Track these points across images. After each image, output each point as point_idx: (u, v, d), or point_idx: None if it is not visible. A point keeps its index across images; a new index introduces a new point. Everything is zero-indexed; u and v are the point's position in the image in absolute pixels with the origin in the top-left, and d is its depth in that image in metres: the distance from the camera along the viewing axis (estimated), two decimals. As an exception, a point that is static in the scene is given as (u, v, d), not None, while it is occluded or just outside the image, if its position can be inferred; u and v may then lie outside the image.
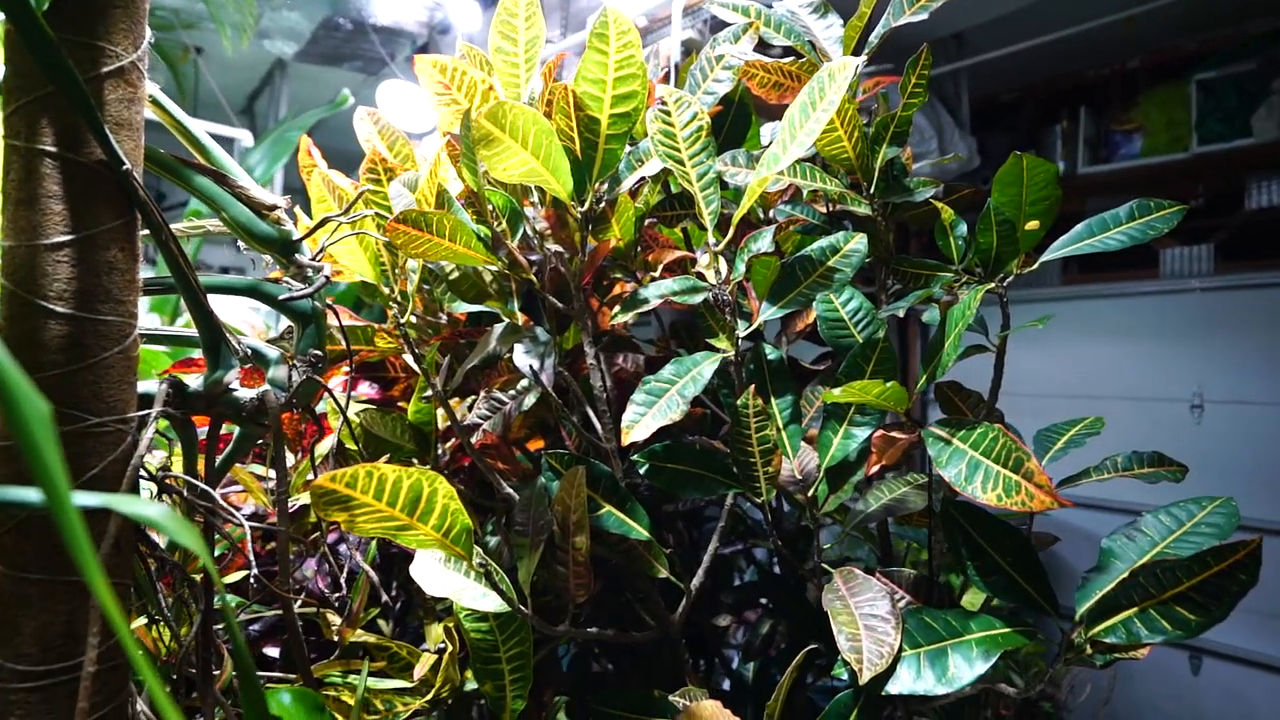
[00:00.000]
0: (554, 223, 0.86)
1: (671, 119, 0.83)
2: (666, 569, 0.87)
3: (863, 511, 0.91)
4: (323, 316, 0.76)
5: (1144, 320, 2.84)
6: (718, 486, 0.85)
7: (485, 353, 0.87)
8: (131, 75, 0.60)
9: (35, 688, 0.57)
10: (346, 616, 0.87)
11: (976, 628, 0.75)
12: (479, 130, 0.67)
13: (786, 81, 1.00)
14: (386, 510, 0.61)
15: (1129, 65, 3.13)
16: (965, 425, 0.75)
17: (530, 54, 0.84)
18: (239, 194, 0.71)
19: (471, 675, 0.86)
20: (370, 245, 0.87)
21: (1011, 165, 0.77)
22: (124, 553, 0.61)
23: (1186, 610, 0.66)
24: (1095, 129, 3.19)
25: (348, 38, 3.14)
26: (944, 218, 0.85)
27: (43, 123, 0.56)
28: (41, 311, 0.57)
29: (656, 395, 0.79)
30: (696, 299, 0.83)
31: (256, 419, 0.72)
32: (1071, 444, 0.94)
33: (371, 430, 0.94)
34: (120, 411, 0.61)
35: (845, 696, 0.76)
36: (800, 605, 1.13)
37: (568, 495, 0.79)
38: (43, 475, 0.30)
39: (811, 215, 0.97)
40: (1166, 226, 0.80)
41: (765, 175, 0.75)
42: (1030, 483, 0.67)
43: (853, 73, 0.70)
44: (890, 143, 0.91)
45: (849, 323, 0.88)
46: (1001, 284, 0.83)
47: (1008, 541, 0.77)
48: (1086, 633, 0.72)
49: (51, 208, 0.57)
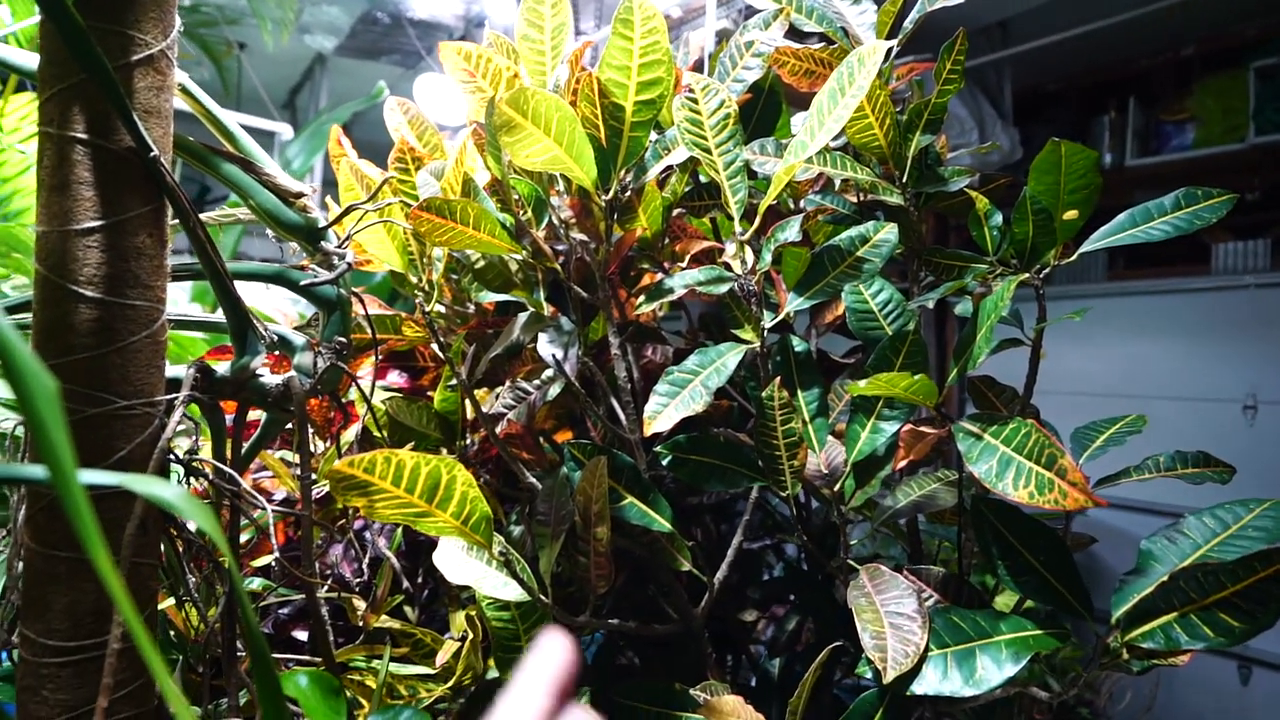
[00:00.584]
0: (579, 211, 0.85)
1: (699, 107, 0.82)
2: (689, 561, 0.86)
3: (891, 508, 0.89)
4: (348, 304, 0.77)
5: (1194, 318, 2.74)
6: (741, 479, 0.84)
7: (509, 342, 0.87)
8: (160, 63, 0.61)
9: (66, 663, 0.59)
10: (371, 602, 0.88)
11: (1006, 629, 0.73)
12: (500, 116, 0.67)
13: (818, 69, 0.98)
14: (405, 496, 0.62)
15: (1182, 53, 3.02)
16: (997, 420, 0.72)
17: (556, 41, 0.84)
18: (266, 181, 0.72)
19: (494, 663, 0.87)
20: (398, 234, 0.88)
21: (1049, 152, 0.75)
22: (150, 534, 0.62)
23: (1230, 617, 0.64)
24: (1145, 119, 3.09)
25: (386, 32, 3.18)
26: (978, 207, 0.82)
27: (74, 110, 0.57)
28: (72, 296, 0.58)
29: (680, 386, 0.78)
30: (722, 289, 0.82)
31: (282, 405, 0.73)
32: (1111, 442, 0.91)
33: (397, 418, 0.95)
34: (148, 395, 0.62)
35: (870, 696, 0.74)
36: (827, 602, 1.11)
37: (589, 485, 0.79)
38: (48, 452, 0.30)
39: (842, 205, 0.96)
40: (1215, 216, 0.77)
41: (792, 163, 0.74)
42: (1064, 480, 0.65)
43: (882, 56, 0.68)
44: (924, 130, 0.89)
45: (878, 314, 0.86)
46: (1037, 275, 0.80)
47: (1041, 541, 0.75)
48: (1123, 637, 0.70)
49: (82, 194, 0.58)
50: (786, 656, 1.21)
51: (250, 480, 1.10)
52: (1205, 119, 2.89)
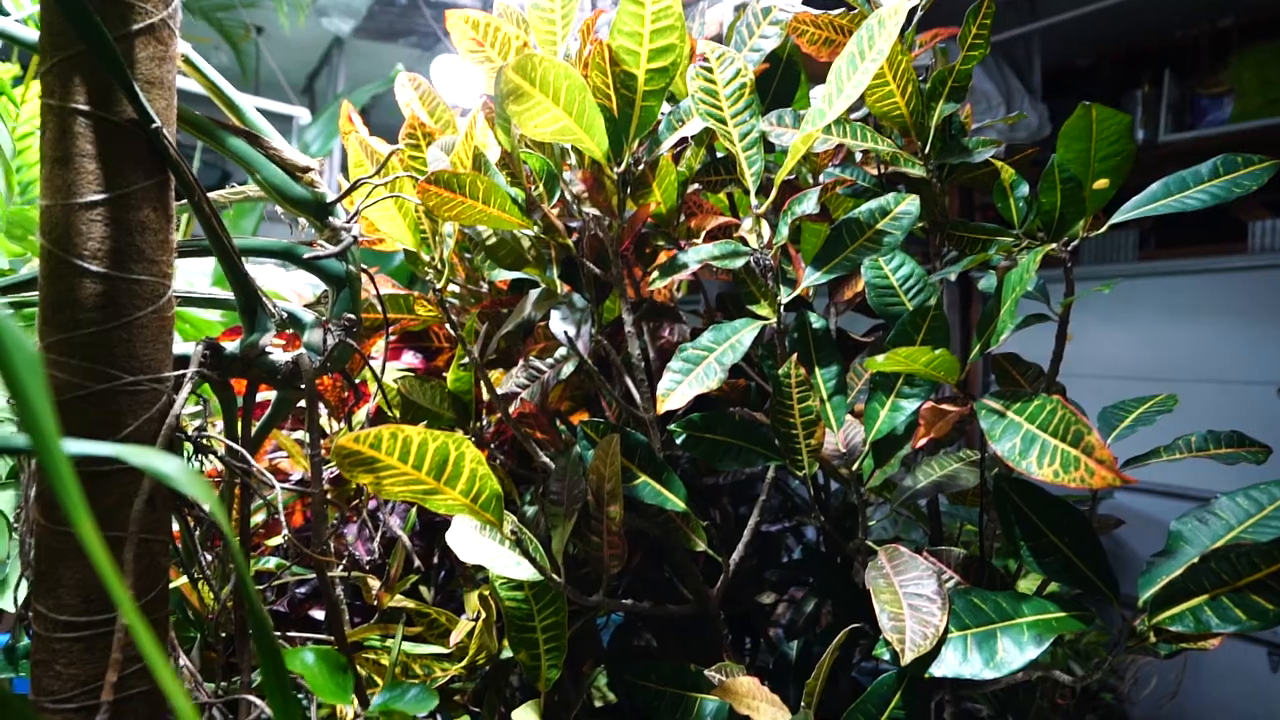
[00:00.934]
0: (591, 185, 0.84)
1: (713, 76, 0.80)
2: (704, 542, 0.85)
3: (911, 488, 0.87)
4: (357, 280, 0.76)
5: (1229, 298, 2.66)
6: (757, 458, 0.82)
7: (520, 319, 0.85)
8: (162, 33, 0.60)
9: (78, 638, 0.59)
10: (384, 582, 0.88)
11: (1029, 611, 0.71)
12: (507, 84, 0.65)
13: (838, 37, 0.95)
14: (413, 473, 0.61)
15: (1220, 24, 2.92)
16: (1021, 397, 0.70)
17: (567, 10, 0.82)
18: (273, 156, 0.71)
19: (507, 643, 0.86)
20: (409, 211, 0.86)
21: (1079, 117, 0.72)
22: (159, 510, 0.62)
23: (1264, 599, 0.61)
24: (1180, 93, 2.99)
25: (403, 13, 3.16)
26: (1004, 177, 0.79)
27: (75, 81, 0.57)
28: (77, 270, 0.57)
29: (694, 363, 0.77)
30: (737, 264, 0.80)
31: (292, 382, 0.72)
32: (1140, 421, 0.88)
33: (410, 398, 0.94)
34: (155, 371, 0.61)
35: (888, 678, 0.73)
36: (845, 584, 1.09)
37: (602, 464, 0.78)
38: (31, 421, 0.29)
39: (861, 177, 0.93)
40: (1255, 184, 0.73)
41: (810, 132, 0.72)
42: (1090, 458, 0.62)
43: (904, 17, 0.66)
44: (948, 99, 0.86)
45: (899, 290, 0.84)
46: (1065, 248, 0.78)
47: (1065, 521, 0.73)
48: (1150, 620, 0.68)
49: (85, 166, 0.57)
50: (804, 639, 1.20)
51: (266, 461, 1.11)
52: (1243, 92, 2.80)
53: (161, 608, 0.63)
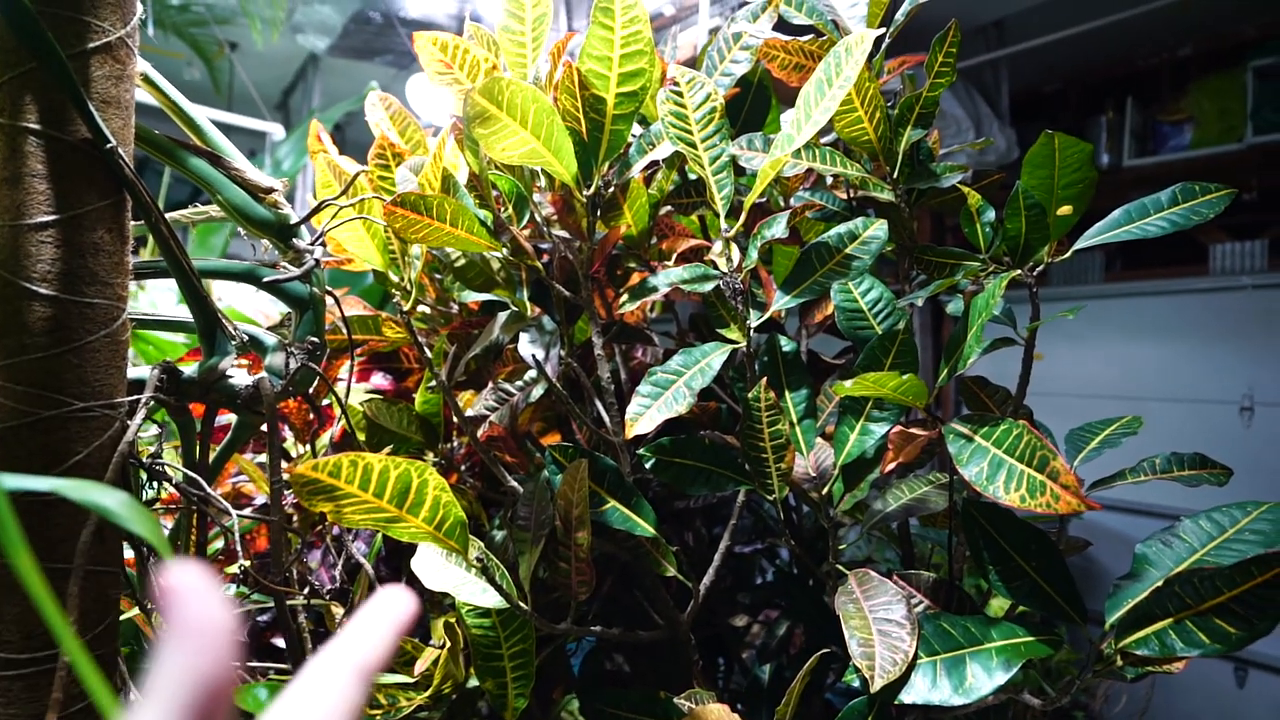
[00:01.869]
0: (560, 208, 0.83)
1: (684, 100, 0.80)
2: (674, 567, 0.84)
3: (881, 511, 0.87)
4: (320, 302, 0.75)
5: (1192, 319, 2.73)
6: (727, 483, 0.81)
7: (488, 341, 0.84)
8: (120, 52, 0.59)
9: (18, 676, 0.57)
10: (348, 609, 0.85)
11: (998, 635, 0.70)
12: (474, 107, 0.65)
13: (808, 63, 0.96)
14: (374, 501, 0.59)
15: (1179, 52, 3.01)
16: (988, 422, 0.70)
17: (538, 33, 0.81)
18: (234, 176, 0.70)
19: (474, 672, 0.84)
20: (378, 232, 0.85)
21: (1042, 145, 0.73)
22: (109, 541, 0.60)
23: (1226, 623, 0.62)
24: (1142, 120, 3.07)
25: (378, 31, 3.15)
26: (970, 202, 0.80)
27: (26, 99, 0.55)
28: (24, 293, 0.56)
29: (663, 387, 0.76)
30: (707, 287, 0.80)
31: (252, 406, 0.71)
32: (1106, 444, 0.89)
33: (377, 421, 0.93)
34: (107, 396, 0.60)
35: (859, 704, 0.72)
36: (817, 607, 1.09)
37: (570, 489, 0.77)
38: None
39: (831, 201, 0.93)
40: (1211, 212, 0.75)
41: (778, 156, 0.72)
42: (1056, 483, 0.63)
43: (870, 46, 0.66)
44: (915, 125, 0.87)
45: (868, 313, 0.84)
46: (1030, 273, 0.78)
47: (1033, 545, 0.73)
48: (1117, 643, 0.68)
49: (35, 187, 0.56)
50: (777, 662, 1.19)
51: (230, 485, 1.08)
52: (1202, 119, 2.88)
53: (110, 641, 0.61)
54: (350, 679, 0.24)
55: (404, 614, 0.27)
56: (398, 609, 0.27)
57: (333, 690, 0.24)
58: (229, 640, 0.22)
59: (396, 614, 0.27)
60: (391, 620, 0.27)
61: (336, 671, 0.25)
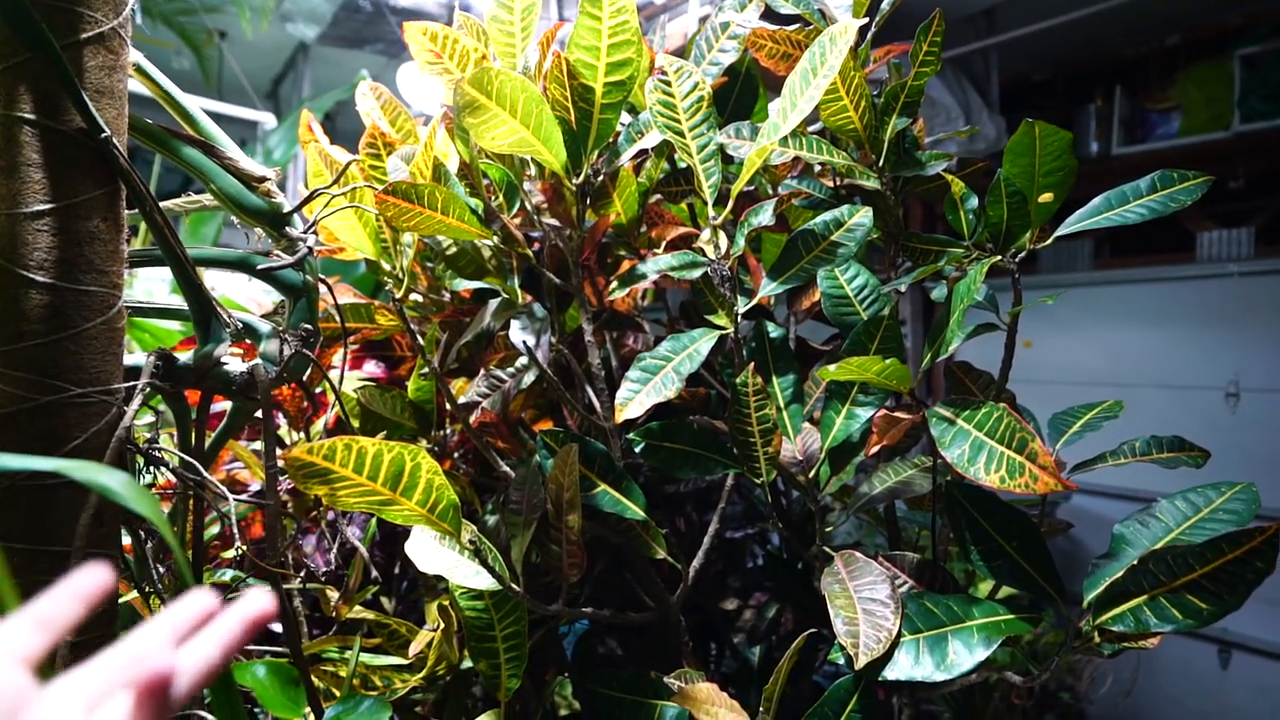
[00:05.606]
0: (551, 196, 0.84)
1: (672, 89, 0.81)
2: (664, 550, 0.86)
3: (867, 494, 0.89)
4: (314, 290, 0.76)
5: (1179, 306, 2.75)
6: (716, 466, 0.83)
7: (479, 329, 0.85)
8: (113, 42, 0.60)
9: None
10: (343, 593, 0.87)
11: (979, 614, 0.72)
12: (464, 96, 0.66)
13: (795, 52, 0.97)
14: (368, 484, 0.61)
15: (1167, 41, 3.02)
16: (970, 405, 0.72)
17: (526, 22, 0.82)
18: (228, 165, 0.70)
19: (468, 653, 0.86)
20: (370, 220, 0.86)
21: (1023, 134, 0.74)
22: (107, 525, 0.61)
23: (1198, 599, 0.63)
24: (1131, 108, 3.09)
25: (369, 20, 3.14)
26: (954, 190, 0.82)
27: (21, 89, 0.56)
28: (22, 281, 0.57)
29: (651, 372, 0.77)
30: (695, 274, 0.81)
31: (247, 393, 0.72)
32: (1087, 427, 0.91)
33: (370, 408, 0.94)
34: (104, 383, 0.61)
35: (845, 682, 0.74)
36: (805, 589, 1.11)
37: (561, 474, 0.78)
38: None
39: (818, 189, 0.95)
40: (1190, 199, 0.76)
41: (765, 145, 0.73)
42: (1034, 464, 0.64)
43: (855, 35, 0.67)
44: (900, 113, 0.88)
45: (854, 299, 0.85)
46: (1012, 259, 0.80)
47: (1014, 526, 0.75)
48: (1094, 620, 0.70)
49: (31, 176, 0.57)
50: (766, 644, 1.21)
51: (224, 473, 1.09)
52: (1190, 108, 2.90)
53: (108, 624, 0.62)
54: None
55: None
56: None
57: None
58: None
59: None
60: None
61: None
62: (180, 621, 0.29)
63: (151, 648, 0.28)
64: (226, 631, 0.29)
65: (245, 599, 0.30)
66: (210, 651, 0.28)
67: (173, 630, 0.29)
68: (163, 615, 0.30)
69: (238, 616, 0.29)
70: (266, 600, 0.29)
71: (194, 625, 0.29)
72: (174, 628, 0.29)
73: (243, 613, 0.29)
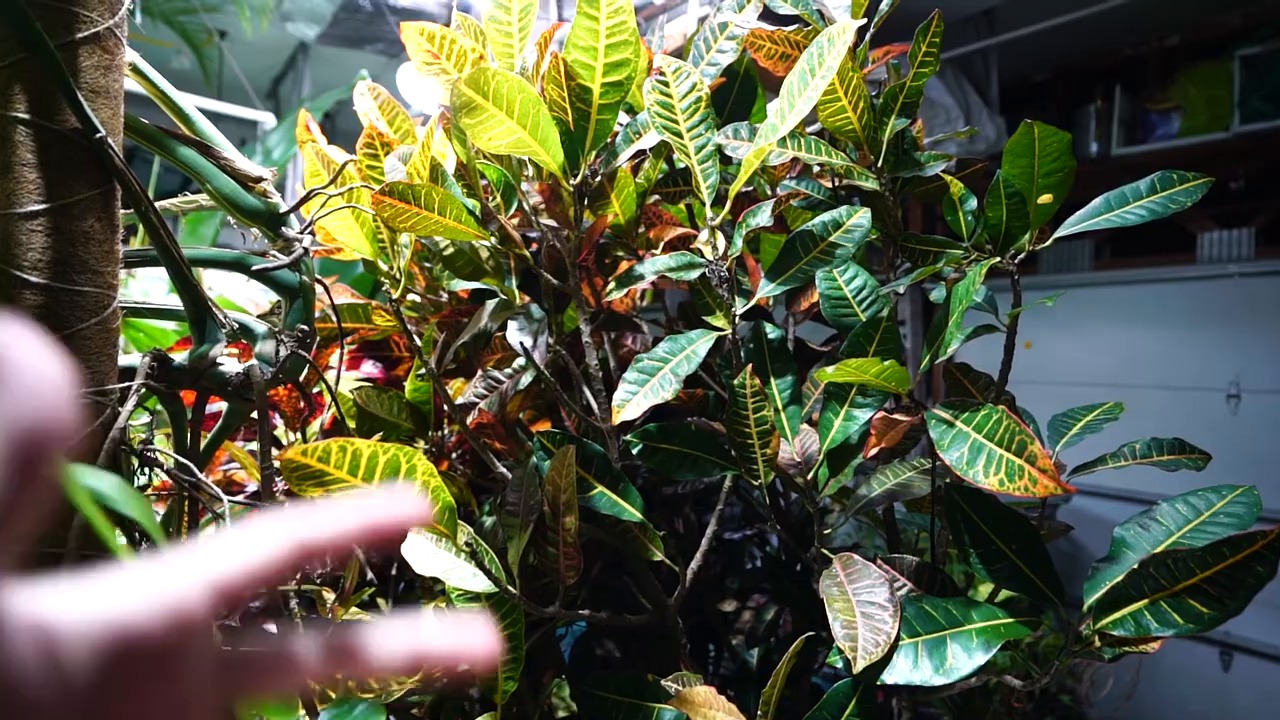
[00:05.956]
0: (548, 197, 0.84)
1: (669, 89, 0.81)
2: (661, 552, 0.85)
3: (866, 496, 0.89)
4: (310, 290, 0.75)
5: (1179, 307, 2.75)
6: (713, 468, 0.83)
7: (477, 329, 0.85)
8: (108, 41, 0.60)
9: None
10: (339, 595, 0.87)
11: (978, 617, 0.72)
12: (460, 97, 0.65)
13: (793, 52, 0.96)
14: (363, 486, 0.60)
15: (1167, 42, 3.02)
16: (969, 407, 0.72)
17: (524, 23, 0.82)
18: (224, 165, 0.70)
19: (465, 656, 0.85)
20: (367, 221, 0.86)
21: (1022, 134, 0.74)
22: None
23: (1200, 603, 0.63)
24: (1131, 109, 3.08)
25: (369, 20, 3.14)
26: (953, 191, 0.81)
27: (15, 89, 0.56)
28: (15, 281, 0.56)
29: (649, 374, 0.77)
30: (692, 275, 0.81)
31: (242, 394, 0.71)
32: (1088, 429, 0.90)
33: (367, 408, 0.93)
34: (99, 383, 0.60)
35: (844, 685, 0.74)
36: (804, 591, 1.10)
37: (558, 475, 0.78)
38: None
39: (817, 190, 0.94)
40: (1190, 200, 0.76)
41: (762, 146, 0.73)
42: (1033, 467, 0.64)
43: (853, 35, 0.67)
44: (899, 114, 0.88)
45: (852, 301, 0.85)
46: (1011, 260, 0.79)
47: (1013, 529, 0.74)
48: (1095, 624, 0.69)
49: (25, 176, 0.56)
50: (765, 646, 1.21)
51: (222, 473, 1.09)
52: (1190, 108, 2.89)
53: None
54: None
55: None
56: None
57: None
58: (58, 394, 0.20)
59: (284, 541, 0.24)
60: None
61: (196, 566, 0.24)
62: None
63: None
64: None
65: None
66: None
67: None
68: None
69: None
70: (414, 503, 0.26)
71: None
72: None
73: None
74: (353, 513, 0.25)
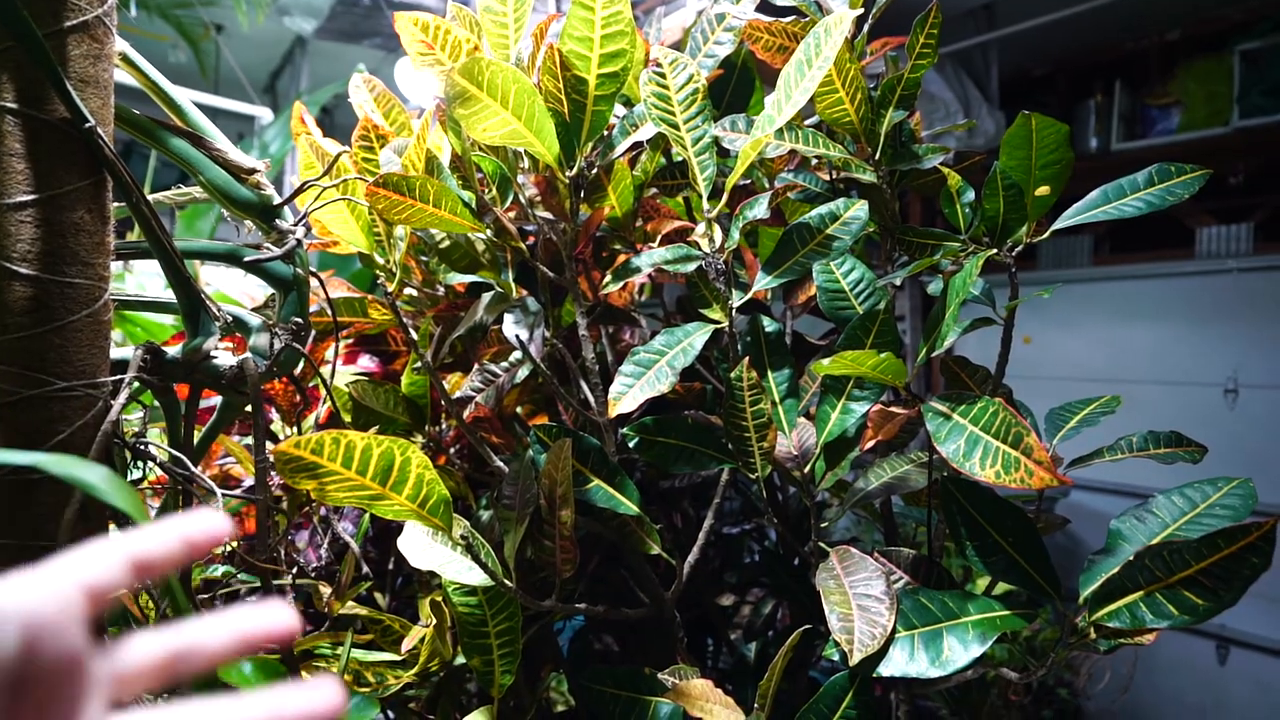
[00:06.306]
0: (544, 190, 0.83)
1: (666, 81, 0.80)
2: (658, 545, 0.85)
3: (863, 489, 0.88)
4: (304, 283, 0.75)
5: (1178, 302, 2.75)
6: (710, 461, 0.82)
7: (472, 322, 0.85)
8: (98, 30, 0.59)
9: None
10: (335, 588, 0.86)
11: (974, 610, 0.72)
12: (454, 87, 0.65)
13: (791, 44, 0.96)
14: (357, 479, 0.60)
15: (1167, 36, 3.01)
16: (966, 400, 0.71)
17: (520, 14, 0.81)
18: (216, 157, 0.70)
19: (461, 649, 0.85)
20: (362, 214, 0.85)
21: (1019, 126, 0.73)
22: (93, 521, 0.60)
23: (1194, 594, 0.63)
24: (1130, 104, 3.08)
25: (366, 14, 3.13)
26: (950, 183, 0.81)
27: (3, 78, 0.55)
28: (4, 273, 0.56)
29: (645, 366, 0.77)
30: (689, 268, 0.80)
31: (236, 387, 0.71)
32: (1085, 423, 0.90)
33: (363, 402, 0.93)
34: (90, 376, 0.60)
35: (841, 678, 0.74)
36: (802, 584, 1.10)
37: (554, 468, 0.77)
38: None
39: (814, 182, 0.94)
40: (1187, 192, 0.76)
41: (759, 137, 0.72)
42: (1029, 459, 0.64)
43: (849, 26, 0.67)
44: (897, 106, 0.87)
45: (849, 294, 0.85)
46: (1008, 253, 0.79)
47: (1009, 521, 0.74)
48: (1090, 616, 0.69)
49: (13, 166, 0.56)
50: (762, 640, 1.21)
51: (217, 467, 1.09)
52: (1190, 103, 2.89)
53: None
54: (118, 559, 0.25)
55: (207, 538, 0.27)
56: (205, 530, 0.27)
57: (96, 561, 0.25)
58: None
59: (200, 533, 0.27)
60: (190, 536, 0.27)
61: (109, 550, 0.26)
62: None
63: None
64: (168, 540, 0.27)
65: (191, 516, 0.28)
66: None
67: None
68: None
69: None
70: (217, 520, 0.28)
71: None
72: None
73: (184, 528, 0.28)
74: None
